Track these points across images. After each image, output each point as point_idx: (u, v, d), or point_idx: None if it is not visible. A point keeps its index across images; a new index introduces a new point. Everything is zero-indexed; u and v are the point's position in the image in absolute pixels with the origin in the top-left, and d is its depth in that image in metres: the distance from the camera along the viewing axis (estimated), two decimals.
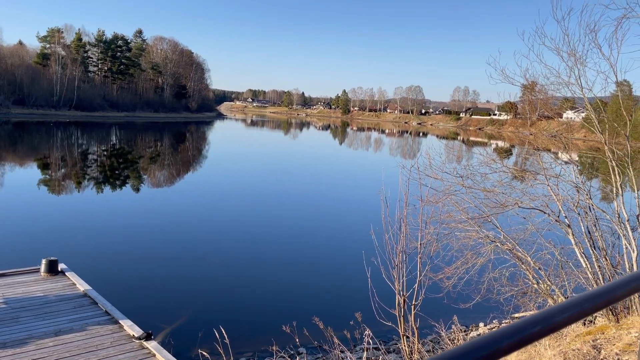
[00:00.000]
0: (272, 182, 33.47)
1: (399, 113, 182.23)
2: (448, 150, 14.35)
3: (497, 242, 8.58)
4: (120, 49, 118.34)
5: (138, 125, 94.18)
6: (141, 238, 17.68)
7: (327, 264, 15.85)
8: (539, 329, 0.79)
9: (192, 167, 43.79)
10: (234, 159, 49.32)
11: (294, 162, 50.23)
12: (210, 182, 33.30)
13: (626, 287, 1.02)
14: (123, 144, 62.69)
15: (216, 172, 38.44)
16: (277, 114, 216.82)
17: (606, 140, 8.91)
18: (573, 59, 8.85)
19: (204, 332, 9.48)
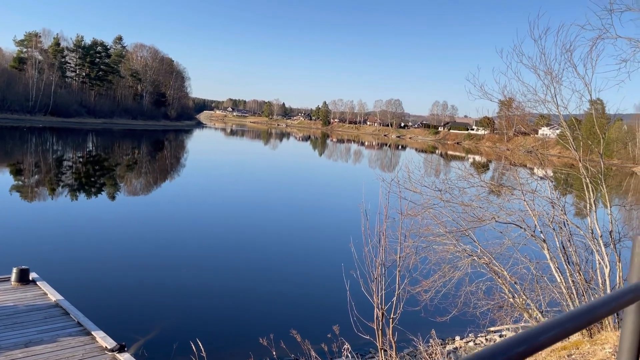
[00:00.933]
0: (250, 193, 33.29)
1: (378, 126, 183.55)
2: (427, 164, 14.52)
3: (474, 256, 8.66)
4: (99, 55, 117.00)
5: (115, 133, 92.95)
6: (116, 247, 17.36)
7: (306, 276, 15.77)
8: (524, 349, 0.79)
9: (170, 175, 43.33)
10: (212, 168, 48.97)
11: (273, 172, 50.09)
12: (187, 191, 32.95)
13: (607, 307, 1.04)
14: (100, 150, 61.76)
15: (194, 182, 38.06)
16: (257, 123, 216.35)
17: (580, 158, 9.10)
18: (549, 77, 9.06)
19: (179, 343, 9.32)
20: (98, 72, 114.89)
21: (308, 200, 32.21)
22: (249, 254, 17.79)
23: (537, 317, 8.40)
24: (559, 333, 0.87)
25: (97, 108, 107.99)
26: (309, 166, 62.23)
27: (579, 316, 0.95)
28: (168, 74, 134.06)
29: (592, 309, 1.00)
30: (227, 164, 54.55)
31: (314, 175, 50.95)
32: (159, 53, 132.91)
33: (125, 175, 39.96)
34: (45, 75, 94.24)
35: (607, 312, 1.06)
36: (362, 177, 11.94)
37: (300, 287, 14.69)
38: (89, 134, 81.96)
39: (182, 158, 60.68)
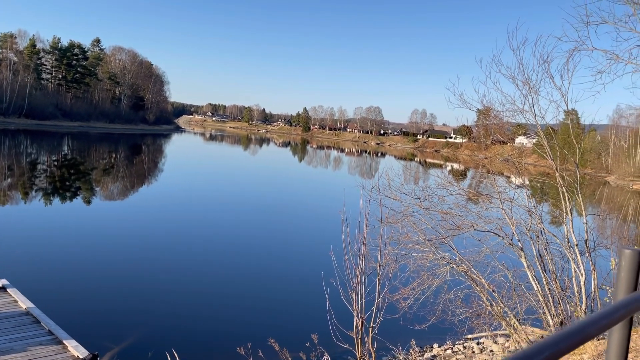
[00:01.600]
0: (229, 199, 33.03)
1: (358, 133, 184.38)
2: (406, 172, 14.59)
3: (452, 264, 8.69)
4: (76, 58, 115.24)
5: (92, 136, 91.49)
6: (90, 253, 16.99)
7: (285, 285, 15.64)
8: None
9: (147, 180, 42.75)
10: (190, 173, 48.49)
11: (252, 178, 49.83)
12: (164, 197, 32.53)
13: (598, 325, 1.01)
14: (75, 154, 60.66)
15: (171, 187, 37.60)
16: (237, 129, 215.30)
17: (557, 167, 9.24)
18: (527, 87, 9.19)
19: (154, 352, 9.15)
20: (75, 75, 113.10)
21: (288, 207, 32.09)
22: (227, 261, 17.60)
23: (514, 325, 8.45)
24: (553, 354, 0.84)
25: (73, 111, 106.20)
26: (289, 172, 62.11)
27: (571, 336, 0.92)
28: (147, 78, 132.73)
29: (583, 328, 0.97)
30: (206, 169, 54.11)
31: (293, 181, 50.84)
32: (137, 56, 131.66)
33: (102, 180, 39.29)
34: (20, 77, 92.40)
35: (599, 330, 1.03)
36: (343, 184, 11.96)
37: (279, 296, 14.56)
38: (64, 137, 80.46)
39: (160, 163, 59.97)
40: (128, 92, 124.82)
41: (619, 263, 1.41)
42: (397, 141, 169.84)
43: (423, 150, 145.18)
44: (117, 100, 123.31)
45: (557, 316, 8.12)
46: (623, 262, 1.39)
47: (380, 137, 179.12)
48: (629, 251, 1.38)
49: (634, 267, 1.36)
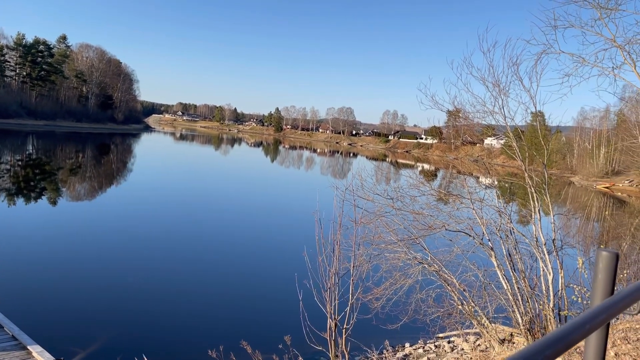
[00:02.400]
0: (200, 200, 32.64)
1: (330, 133, 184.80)
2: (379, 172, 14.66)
3: (424, 264, 8.76)
4: (42, 55, 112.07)
5: (58, 135, 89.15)
6: (54, 255, 16.52)
7: (257, 287, 15.51)
8: None
9: (116, 180, 41.89)
10: (160, 174, 47.74)
11: (224, 179, 49.39)
12: (134, 197, 31.93)
13: (582, 329, 1.00)
14: (41, 154, 58.97)
15: (140, 188, 36.93)
16: (208, 128, 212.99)
17: (526, 168, 9.41)
18: (497, 89, 9.34)
19: (122, 357, 8.93)
20: (40, 72, 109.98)
21: (260, 208, 31.90)
22: (198, 263, 17.36)
23: (485, 324, 8.57)
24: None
25: (38, 109, 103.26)
26: (262, 173, 61.78)
27: (556, 342, 0.91)
28: (115, 76, 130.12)
29: (567, 334, 0.96)
30: (176, 170, 53.37)
31: (266, 182, 50.58)
32: (105, 54, 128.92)
33: (68, 180, 38.31)
34: None
35: (583, 335, 1.02)
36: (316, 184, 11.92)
37: (252, 298, 14.44)
38: (29, 136, 78.18)
39: (129, 163, 58.84)
40: (96, 90, 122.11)
41: (596, 264, 1.41)
42: (369, 142, 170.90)
43: (394, 151, 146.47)
44: (85, 98, 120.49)
45: (526, 314, 8.27)
46: (600, 263, 1.39)
47: (352, 137, 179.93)
48: (606, 253, 1.38)
49: (611, 269, 1.36)
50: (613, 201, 53.69)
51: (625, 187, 64.15)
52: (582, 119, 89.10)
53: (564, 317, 8.28)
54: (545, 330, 8.18)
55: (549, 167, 9.58)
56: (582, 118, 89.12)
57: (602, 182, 69.27)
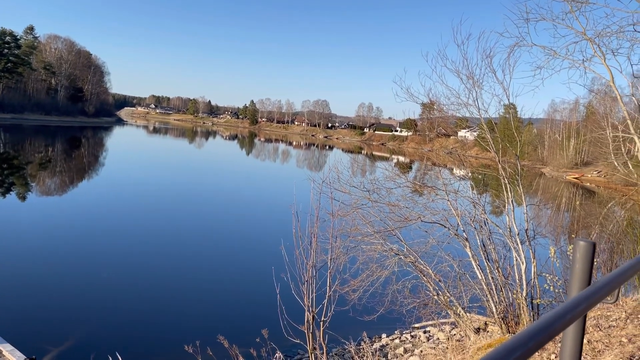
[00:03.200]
0: (175, 193, 32.25)
1: (306, 126, 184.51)
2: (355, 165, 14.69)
3: (400, 255, 8.83)
4: (8, 46, 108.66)
5: (26, 129, 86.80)
6: (24, 251, 16.11)
7: (234, 281, 15.42)
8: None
9: (88, 175, 41.04)
10: (134, 169, 46.97)
11: (199, 172, 48.89)
12: (107, 191, 31.35)
13: (563, 319, 1.00)
14: (8, 148, 57.32)
15: (113, 182, 36.26)
16: (182, 121, 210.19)
17: (499, 159, 9.55)
18: (471, 81, 9.42)
19: (96, 354, 8.77)
20: (6, 64, 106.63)
21: (237, 202, 31.69)
22: (174, 258, 17.16)
23: (460, 313, 8.69)
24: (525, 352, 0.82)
25: (5, 102, 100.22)
26: (237, 166, 61.36)
27: (539, 333, 0.90)
28: (85, 68, 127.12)
29: (549, 324, 0.96)
30: (150, 163, 52.59)
31: (242, 176, 50.25)
32: (75, 45, 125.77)
33: (38, 175, 37.37)
34: None
35: (564, 325, 1.02)
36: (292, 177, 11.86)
37: (229, 292, 14.35)
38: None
39: (101, 156, 57.72)
40: (65, 82, 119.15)
41: (573, 254, 1.42)
42: (345, 134, 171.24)
43: (370, 144, 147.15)
44: (54, 91, 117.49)
45: (500, 303, 8.41)
46: (578, 253, 1.40)
47: (328, 130, 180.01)
48: (583, 242, 1.39)
49: (588, 258, 1.38)
50: (582, 191, 55.03)
51: (593, 177, 65.81)
52: (553, 111, 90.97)
53: (537, 305, 8.46)
54: (518, 319, 8.34)
55: (521, 158, 9.74)
56: (553, 110, 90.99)
57: (572, 173, 70.93)
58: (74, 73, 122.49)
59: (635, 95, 10.46)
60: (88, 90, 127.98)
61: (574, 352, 1.34)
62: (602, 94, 17.46)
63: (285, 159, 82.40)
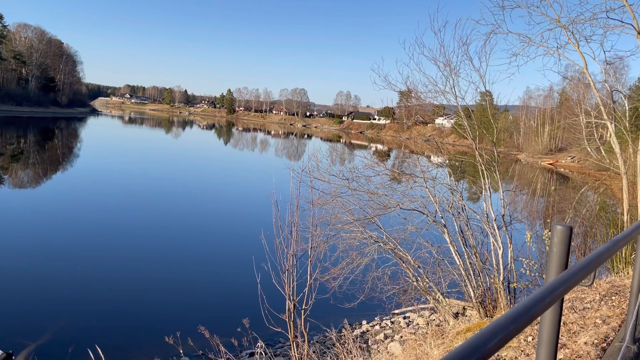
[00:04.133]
0: (152, 184, 31.86)
1: (284, 115, 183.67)
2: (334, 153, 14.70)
3: (380, 242, 8.90)
4: None
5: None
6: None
7: (214, 271, 15.35)
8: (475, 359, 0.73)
9: (61, 167, 40.24)
10: (110, 159, 46.19)
11: (176, 162, 48.36)
12: (83, 182, 30.79)
13: (542, 303, 1.02)
14: None
15: (88, 174, 35.62)
16: (158, 111, 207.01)
17: (476, 146, 9.66)
18: (448, 69, 9.48)
19: (75, 348, 8.67)
20: None
21: (216, 191, 31.47)
22: (152, 249, 17.00)
23: (439, 299, 8.82)
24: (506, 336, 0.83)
25: None
26: (215, 156, 60.85)
27: (519, 317, 0.92)
28: (57, 57, 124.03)
29: (529, 308, 0.97)
30: (126, 154, 51.79)
31: (220, 165, 49.88)
32: (46, 34, 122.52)
33: (10, 167, 36.50)
34: None
35: (543, 308, 1.04)
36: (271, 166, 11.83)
37: (209, 283, 14.29)
38: None
39: (75, 148, 56.60)
40: (36, 72, 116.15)
41: (551, 239, 1.44)
42: (323, 123, 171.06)
43: (348, 132, 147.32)
44: (25, 81, 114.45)
45: (477, 288, 8.56)
46: (555, 237, 1.43)
47: (306, 119, 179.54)
48: (561, 227, 1.41)
49: (565, 242, 1.40)
50: (557, 177, 56.11)
51: (567, 163, 67.13)
52: (528, 98, 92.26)
53: (513, 289, 8.63)
54: (496, 303, 8.50)
55: (497, 145, 9.87)
56: (528, 97, 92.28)
57: (547, 158, 72.23)
58: (45, 62, 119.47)
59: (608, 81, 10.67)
60: (60, 80, 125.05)
61: (551, 333, 1.36)
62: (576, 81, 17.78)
63: (263, 148, 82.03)
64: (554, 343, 1.37)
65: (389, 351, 6.86)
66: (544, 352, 1.41)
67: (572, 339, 3.46)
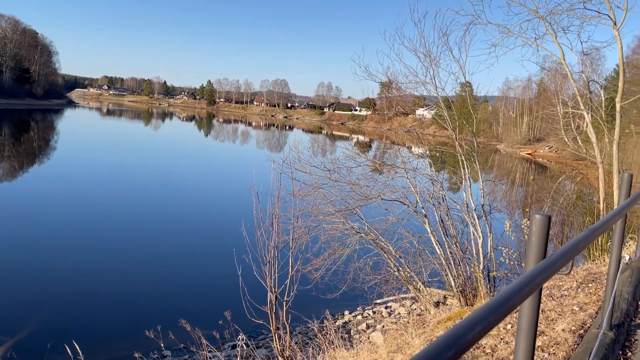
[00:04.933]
0: (132, 177, 31.46)
1: (265, 106, 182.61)
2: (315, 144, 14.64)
3: (361, 233, 8.94)
4: None
5: None
6: None
7: (195, 264, 15.23)
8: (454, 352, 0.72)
9: (37, 160, 39.46)
10: (88, 152, 45.46)
11: (156, 154, 47.80)
12: (61, 176, 30.27)
13: (522, 292, 1.02)
14: None
15: (66, 166, 35.01)
16: (137, 103, 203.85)
17: (456, 136, 9.73)
18: (429, 59, 9.51)
19: (53, 343, 8.55)
20: None
21: (196, 183, 31.20)
22: (133, 242, 16.81)
23: (420, 288, 8.91)
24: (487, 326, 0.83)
25: None
26: (196, 147, 60.29)
27: (499, 306, 0.92)
28: (32, 48, 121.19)
29: (509, 297, 0.97)
30: (105, 146, 51.00)
31: (201, 157, 49.46)
32: (20, 24, 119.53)
33: None
34: None
35: (522, 298, 1.04)
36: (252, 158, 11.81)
37: (190, 276, 14.18)
38: None
39: (52, 140, 55.54)
40: (10, 63, 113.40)
41: (530, 228, 1.45)
42: (305, 114, 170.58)
43: (330, 123, 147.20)
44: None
45: (458, 277, 8.66)
46: (534, 226, 1.43)
47: (287, 110, 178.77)
48: (539, 216, 1.42)
49: (544, 231, 1.41)
50: (535, 167, 56.93)
51: (545, 153, 68.16)
52: (507, 88, 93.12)
53: (493, 278, 8.75)
54: (476, 291, 8.61)
55: (477, 135, 9.96)
56: (507, 88, 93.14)
57: (525, 149, 73.21)
58: (19, 53, 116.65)
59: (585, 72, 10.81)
60: (35, 71, 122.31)
61: (530, 321, 1.37)
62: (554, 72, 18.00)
63: (244, 140, 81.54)
64: (533, 331, 1.38)
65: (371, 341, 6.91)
66: (523, 339, 1.42)
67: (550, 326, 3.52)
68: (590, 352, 2.58)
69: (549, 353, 3.06)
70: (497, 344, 3.49)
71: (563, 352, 3.01)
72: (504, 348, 3.43)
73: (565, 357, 2.95)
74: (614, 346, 2.88)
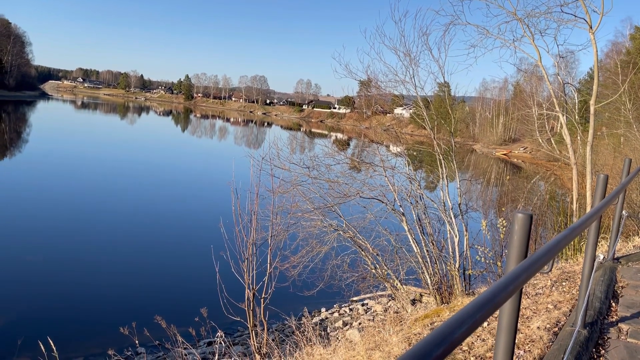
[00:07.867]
0: (108, 172, 30.93)
1: (244, 102, 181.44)
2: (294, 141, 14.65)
3: (340, 231, 8.95)
4: None
5: None
6: None
7: (172, 261, 15.06)
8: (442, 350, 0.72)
9: (9, 153, 38.49)
10: (63, 145, 44.52)
11: (130, 150, 47.07)
12: (33, 170, 29.57)
13: (506, 290, 1.03)
14: None
15: (39, 160, 34.21)
16: (113, 96, 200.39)
17: (434, 136, 9.82)
18: (408, 58, 9.57)
19: (24, 339, 8.36)
20: None
21: (173, 180, 30.82)
22: (108, 238, 16.52)
23: (397, 286, 8.97)
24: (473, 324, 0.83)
25: None
26: (173, 143, 59.57)
27: (485, 305, 0.92)
28: (4, 38, 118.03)
29: (494, 295, 0.98)
30: (80, 140, 50.01)
31: (178, 152, 48.88)
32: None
33: None
34: None
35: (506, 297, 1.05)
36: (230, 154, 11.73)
37: (166, 272, 14.02)
38: None
39: (24, 133, 54.21)
40: None
41: (512, 227, 1.46)
42: (283, 111, 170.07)
43: (308, 121, 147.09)
44: None
45: (434, 275, 8.74)
46: (516, 225, 1.44)
47: (266, 106, 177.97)
48: (522, 215, 1.43)
49: (526, 230, 1.42)
50: (510, 167, 57.86)
51: (520, 153, 69.33)
52: (484, 89, 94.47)
53: (469, 276, 8.86)
54: (452, 289, 8.71)
55: (454, 135, 10.06)
56: (484, 89, 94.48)
57: (501, 149, 74.35)
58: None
59: (560, 74, 11.02)
60: (7, 61, 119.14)
61: (511, 320, 1.39)
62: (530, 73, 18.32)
63: (222, 136, 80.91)
64: (513, 329, 1.40)
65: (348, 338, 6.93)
66: (503, 338, 1.44)
67: (526, 324, 3.57)
68: (565, 350, 2.63)
69: (525, 350, 3.11)
70: (473, 342, 3.54)
71: (538, 350, 3.06)
72: (481, 345, 3.48)
73: (541, 354, 3.00)
74: (588, 344, 2.94)
